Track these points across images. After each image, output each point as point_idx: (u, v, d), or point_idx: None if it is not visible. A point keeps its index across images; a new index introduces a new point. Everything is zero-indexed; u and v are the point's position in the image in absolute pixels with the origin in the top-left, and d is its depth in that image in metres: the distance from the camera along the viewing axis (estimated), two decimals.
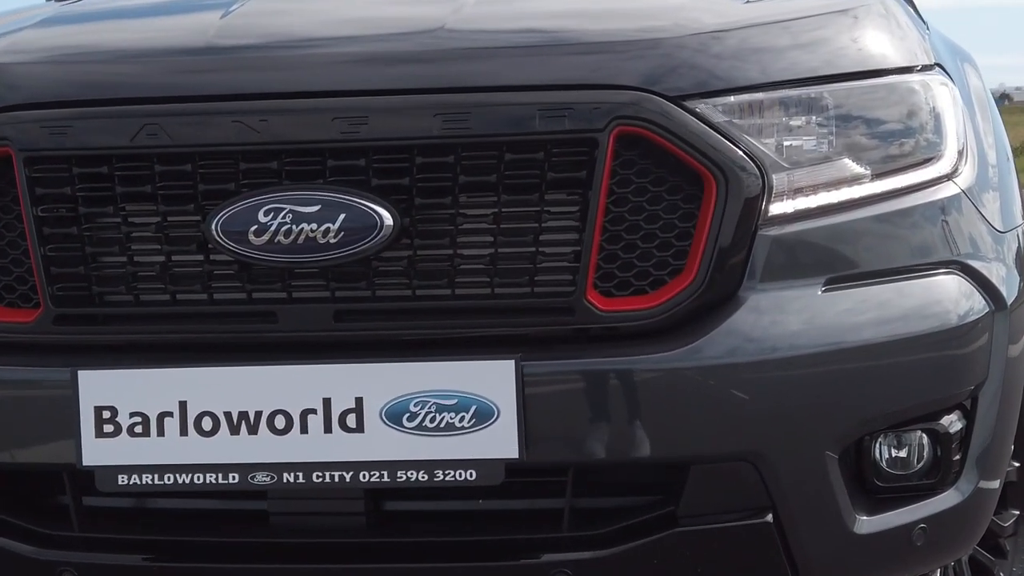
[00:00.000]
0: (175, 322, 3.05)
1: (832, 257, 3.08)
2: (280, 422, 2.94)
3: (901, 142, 3.17)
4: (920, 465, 3.15)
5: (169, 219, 3.04)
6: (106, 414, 2.96)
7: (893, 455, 3.14)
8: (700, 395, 2.97)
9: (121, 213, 3.05)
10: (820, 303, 3.04)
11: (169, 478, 2.97)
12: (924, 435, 3.14)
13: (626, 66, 3.00)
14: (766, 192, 3.02)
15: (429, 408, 2.92)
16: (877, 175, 3.13)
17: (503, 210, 2.98)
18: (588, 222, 2.96)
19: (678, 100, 2.99)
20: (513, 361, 2.90)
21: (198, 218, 3.02)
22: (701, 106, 3.00)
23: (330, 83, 3.00)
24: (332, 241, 2.95)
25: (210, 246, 3.00)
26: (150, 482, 2.97)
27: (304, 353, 2.99)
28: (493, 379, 2.91)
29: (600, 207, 2.97)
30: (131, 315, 3.06)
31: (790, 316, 3.02)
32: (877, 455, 3.12)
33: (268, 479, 2.95)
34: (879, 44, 3.22)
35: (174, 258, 3.05)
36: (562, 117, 2.95)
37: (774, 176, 3.03)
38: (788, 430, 3.00)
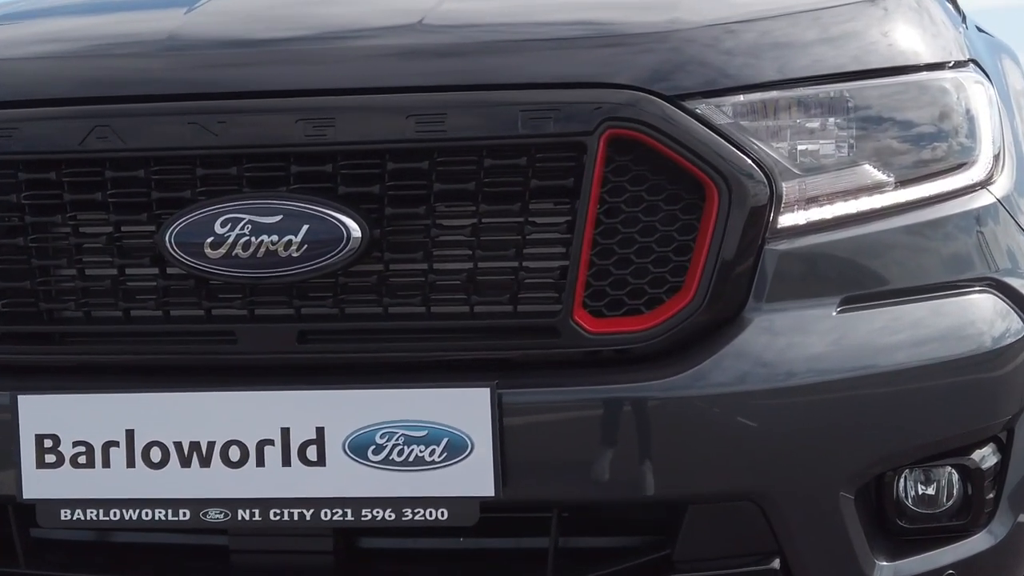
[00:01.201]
0: (128, 342, 2.80)
1: (849, 274, 2.79)
2: (234, 454, 2.68)
3: (930, 146, 2.87)
4: (949, 504, 2.85)
5: (122, 229, 2.80)
6: (48, 443, 2.71)
7: (919, 493, 2.84)
8: (699, 427, 2.69)
9: (71, 223, 2.81)
10: (835, 325, 2.74)
11: (115, 514, 2.71)
12: (954, 471, 2.83)
13: (619, 62, 2.72)
14: (774, 202, 2.73)
15: (396, 440, 2.65)
16: (902, 183, 2.83)
17: (482, 221, 2.71)
18: (576, 235, 2.69)
19: (677, 100, 2.71)
20: (488, 389, 2.62)
21: (152, 228, 2.76)
22: (703, 107, 2.71)
23: (294, 81, 2.74)
24: (295, 255, 2.69)
25: (165, 259, 2.74)
26: (95, 518, 2.72)
27: (264, 377, 2.74)
28: (467, 408, 2.64)
29: (589, 218, 2.69)
30: (81, 334, 2.82)
31: (801, 339, 2.73)
32: (901, 493, 2.82)
33: (222, 516, 2.69)
34: (907, 38, 2.92)
35: (127, 272, 2.80)
36: (547, 119, 2.67)
37: (784, 184, 2.74)
38: (797, 466, 2.71)
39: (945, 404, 2.78)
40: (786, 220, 2.75)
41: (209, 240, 2.70)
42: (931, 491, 2.84)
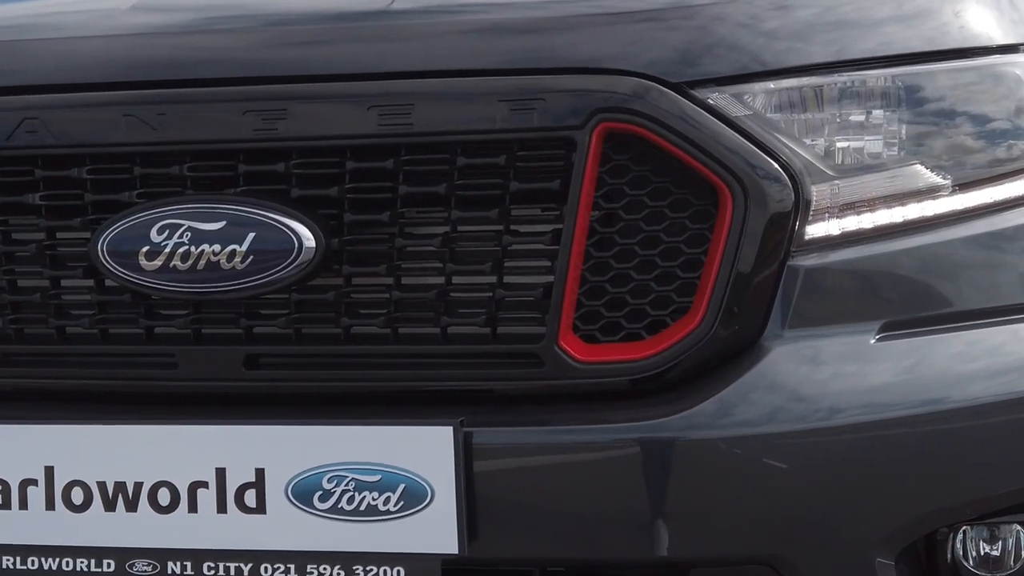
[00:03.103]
0: (60, 364, 2.47)
1: (892, 295, 2.37)
2: (164, 497, 2.32)
3: (998, 143, 2.43)
4: (1017, 567, 2.38)
5: (57, 236, 2.45)
6: None
7: (981, 554, 2.39)
8: (707, 476, 2.28)
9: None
10: (872, 355, 2.31)
11: (33, 562, 2.37)
12: (1021, 528, 2.37)
13: (616, 43, 2.31)
14: (801, 208, 2.31)
15: (346, 485, 2.28)
16: (961, 186, 2.39)
17: (455, 230, 2.33)
18: (563, 246, 2.29)
19: (685, 88, 2.29)
20: (451, 428, 2.23)
21: (87, 235, 2.41)
22: (715, 96, 2.29)
23: (241, 68, 2.38)
24: (239, 267, 2.33)
25: (98, 271, 2.40)
26: (11, 566, 2.38)
27: (202, 409, 2.37)
28: (426, 450, 2.25)
29: (579, 227, 2.29)
30: (8, 354, 2.47)
31: (831, 372, 2.31)
32: (957, 553, 2.37)
33: (150, 569, 2.33)
34: (971, 14, 2.46)
35: (61, 285, 2.46)
36: (530, 110, 2.28)
37: (814, 188, 2.32)
38: (823, 525, 2.28)
39: (1009, 450, 2.33)
40: (815, 230, 2.33)
41: (144, 249, 2.36)
42: (996, 552, 2.39)
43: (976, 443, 2.33)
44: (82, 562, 2.35)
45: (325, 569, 2.28)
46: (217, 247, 2.34)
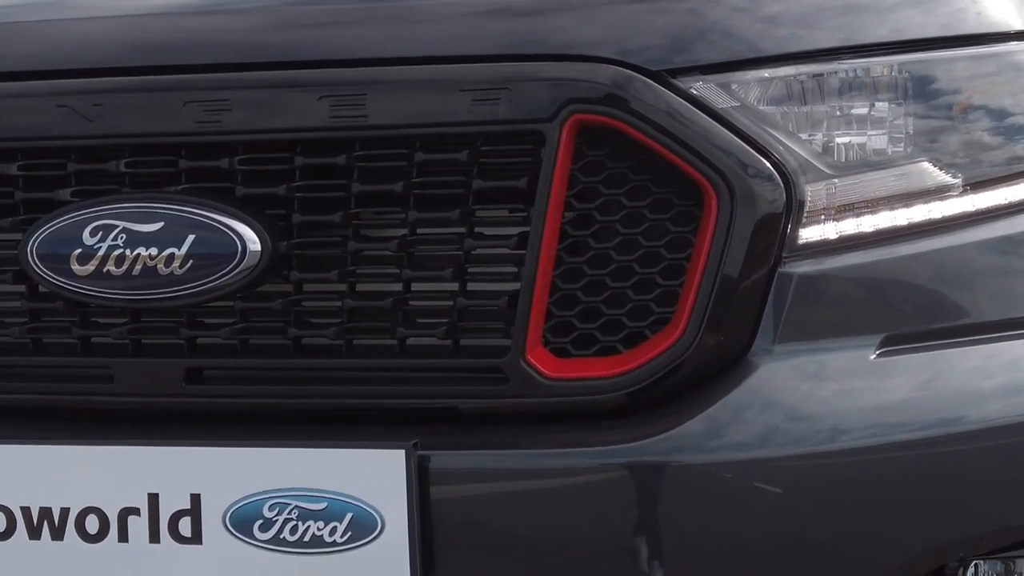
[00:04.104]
0: None
1: (894, 305, 2.14)
2: (92, 525, 2.12)
3: (1014, 139, 2.20)
4: None
5: None
6: None
7: None
8: (687, 505, 2.06)
9: None
10: (873, 372, 2.10)
11: None
12: None
13: (588, 28, 2.09)
14: (794, 209, 2.08)
15: (289, 513, 2.07)
16: (972, 185, 2.16)
17: (414, 232, 2.13)
18: (531, 250, 2.07)
19: (665, 76, 2.07)
20: (404, 451, 2.02)
21: (17, 237, 2.22)
22: (699, 85, 2.07)
23: (182, 54, 2.17)
24: (178, 272, 2.13)
25: (30, 276, 2.20)
26: None
27: (138, 428, 2.17)
28: (377, 475, 2.04)
29: (548, 229, 2.08)
30: None
31: (826, 391, 2.09)
32: None
33: None
34: None
35: None
36: (494, 101, 2.07)
37: (808, 187, 2.10)
38: (822, 560, 2.05)
39: None
40: (810, 233, 2.11)
41: (76, 252, 2.16)
42: None
43: (993, 468, 2.11)
44: None
45: None
46: (154, 250, 2.14)
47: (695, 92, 2.08)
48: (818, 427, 2.06)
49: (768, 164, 2.08)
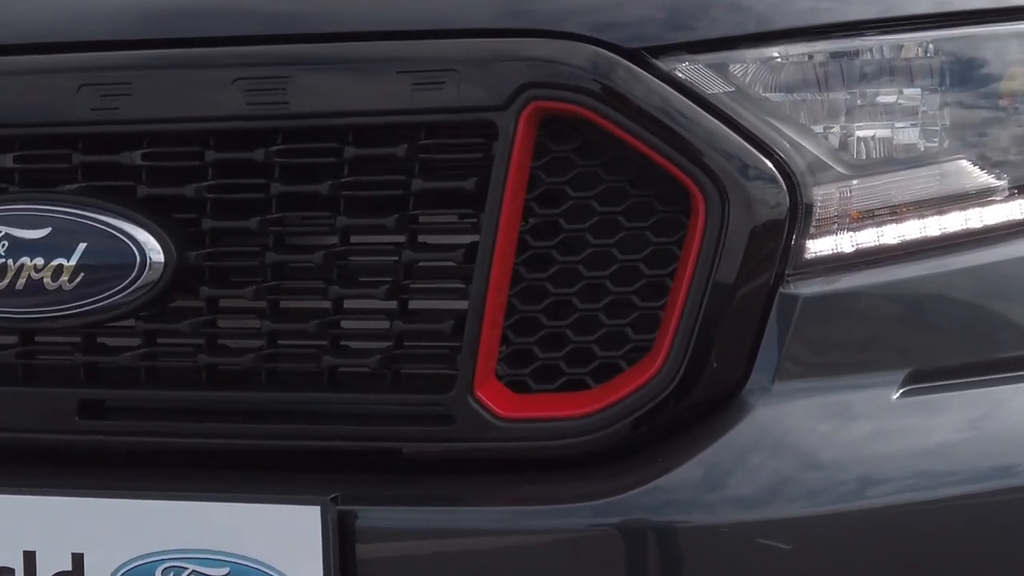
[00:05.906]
0: None
1: (922, 334, 1.77)
2: None
3: None
4: None
5: None
6: None
7: None
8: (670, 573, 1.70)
9: None
10: (894, 416, 1.73)
11: None
12: None
13: None
14: (800, 217, 1.73)
15: None
16: (1020, 188, 1.79)
17: (345, 241, 1.81)
18: (481, 263, 1.73)
19: (643, 55, 1.72)
20: (319, 508, 1.68)
21: None
22: (686, 67, 1.71)
23: (74, 31, 1.84)
24: (67, 288, 1.80)
25: None
26: None
27: (25, 470, 1.85)
28: (288, 535, 1.71)
29: (502, 238, 1.74)
30: None
31: (836, 438, 1.72)
32: None
33: None
34: None
35: None
36: (438, 86, 1.73)
37: (818, 190, 1.74)
38: None
39: None
40: (820, 246, 1.77)
41: None
42: None
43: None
44: None
45: None
46: (40, 261, 1.82)
47: (680, 75, 1.73)
48: (811, 484, 1.72)
49: (768, 162, 1.72)
